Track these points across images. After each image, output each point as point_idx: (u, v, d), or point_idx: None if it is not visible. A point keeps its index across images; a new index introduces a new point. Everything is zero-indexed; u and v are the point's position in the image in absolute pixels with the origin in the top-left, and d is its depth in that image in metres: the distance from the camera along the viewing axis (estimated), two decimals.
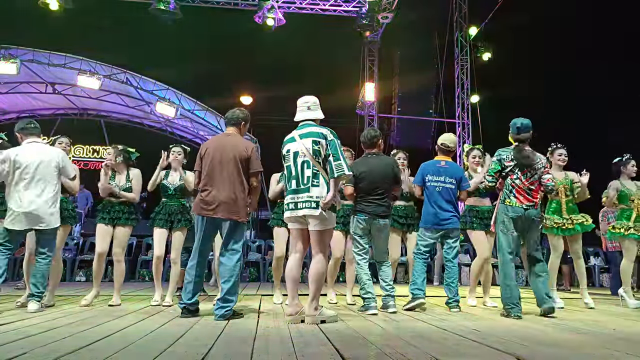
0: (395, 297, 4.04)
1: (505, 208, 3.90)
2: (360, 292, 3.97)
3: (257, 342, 2.55)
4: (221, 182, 3.56)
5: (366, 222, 3.99)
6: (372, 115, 13.73)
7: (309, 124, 3.53)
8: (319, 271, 3.37)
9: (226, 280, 3.53)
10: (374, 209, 3.98)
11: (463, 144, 13.65)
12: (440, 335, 2.88)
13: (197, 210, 3.61)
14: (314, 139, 3.38)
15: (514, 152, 3.93)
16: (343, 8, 12.93)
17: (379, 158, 4.14)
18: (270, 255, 8.60)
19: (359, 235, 4.05)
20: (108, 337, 2.63)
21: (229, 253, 3.59)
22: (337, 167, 3.30)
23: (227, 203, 3.53)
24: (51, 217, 3.86)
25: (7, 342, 2.44)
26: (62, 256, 7.83)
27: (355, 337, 2.81)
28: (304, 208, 3.34)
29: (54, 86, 11.90)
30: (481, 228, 4.63)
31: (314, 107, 3.58)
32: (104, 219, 4.33)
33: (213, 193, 3.55)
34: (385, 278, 4.03)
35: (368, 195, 4.00)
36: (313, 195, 3.32)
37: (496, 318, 3.76)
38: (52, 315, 3.54)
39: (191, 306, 3.58)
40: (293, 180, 3.44)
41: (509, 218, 3.86)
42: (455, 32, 14.21)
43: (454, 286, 4.19)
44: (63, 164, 4.02)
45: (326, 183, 3.36)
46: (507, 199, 3.92)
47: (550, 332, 3.13)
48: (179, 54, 13.56)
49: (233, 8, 12.59)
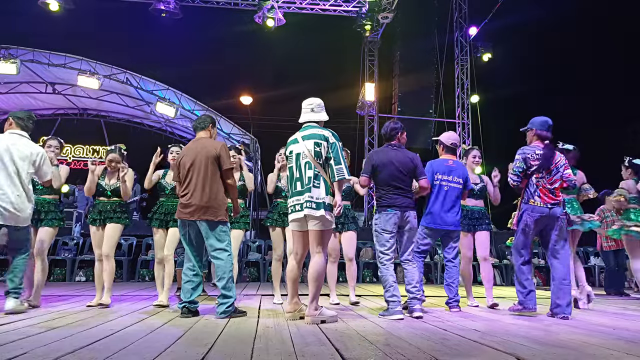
0: (422, 301, 3.82)
1: (530, 208, 3.81)
2: (385, 295, 3.66)
3: (257, 342, 2.56)
4: (195, 186, 3.65)
5: (398, 217, 3.70)
6: (372, 115, 13.73)
7: (312, 125, 3.56)
8: (318, 271, 3.39)
9: (220, 278, 3.62)
10: (402, 201, 3.71)
11: (463, 144, 13.66)
12: (441, 335, 2.88)
13: (177, 214, 3.73)
14: (316, 141, 3.42)
15: (545, 153, 3.85)
16: (343, 8, 12.94)
17: (401, 150, 3.90)
18: (270, 256, 8.60)
19: (389, 232, 3.71)
20: (108, 337, 2.63)
21: (217, 252, 3.65)
22: (338, 171, 3.34)
23: (201, 205, 3.60)
24: (23, 214, 3.71)
25: (7, 342, 2.45)
26: (62, 256, 7.94)
27: (355, 337, 2.81)
28: (305, 208, 3.37)
29: (54, 86, 11.90)
30: (467, 229, 4.62)
31: (318, 109, 3.60)
32: (95, 220, 4.34)
33: (188, 197, 3.65)
34: (411, 280, 3.74)
35: (392, 187, 3.74)
36: (313, 196, 3.36)
37: (496, 318, 3.76)
38: (51, 316, 3.54)
39: (191, 305, 3.60)
40: (297, 182, 3.46)
41: (533, 219, 3.80)
42: (455, 32, 14.21)
43: (455, 286, 4.18)
44: (40, 162, 3.83)
45: (326, 184, 3.38)
46: (531, 199, 3.83)
47: (550, 332, 3.13)
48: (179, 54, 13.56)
49: (233, 8, 12.60)
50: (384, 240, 3.72)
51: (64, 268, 7.99)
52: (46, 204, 4.32)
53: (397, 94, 14.56)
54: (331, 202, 3.40)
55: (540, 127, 3.95)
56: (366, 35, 13.38)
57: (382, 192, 3.78)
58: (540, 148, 3.88)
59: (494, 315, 3.91)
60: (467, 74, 13.93)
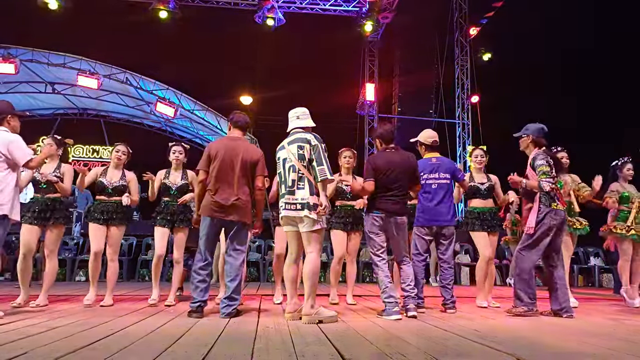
0: (415, 298, 3.86)
1: (554, 212, 3.82)
2: (382, 296, 3.69)
3: (257, 342, 2.55)
4: (232, 185, 3.66)
5: (383, 220, 3.79)
6: (372, 115, 13.73)
7: (297, 131, 3.64)
8: (312, 269, 3.43)
9: (232, 279, 3.66)
10: (390, 207, 3.79)
11: (464, 144, 13.66)
12: (441, 335, 2.88)
13: (208, 212, 3.65)
14: (299, 144, 3.52)
15: (551, 156, 3.94)
16: (343, 8, 12.94)
17: (399, 153, 3.95)
18: (270, 255, 8.60)
19: (375, 233, 3.82)
20: (108, 337, 2.63)
21: (235, 253, 3.73)
22: (320, 172, 3.43)
23: (238, 206, 3.63)
24: None
25: (6, 342, 2.44)
26: (62, 256, 7.94)
27: (355, 337, 2.81)
28: (291, 210, 3.46)
29: (53, 86, 11.89)
30: (482, 229, 4.62)
31: (303, 117, 3.67)
32: (98, 219, 4.30)
33: (225, 196, 3.63)
34: (406, 279, 3.81)
35: (386, 191, 3.80)
36: (298, 198, 3.45)
37: (496, 318, 3.76)
38: (51, 315, 3.54)
39: (205, 304, 3.64)
40: (282, 185, 3.59)
41: (556, 222, 3.83)
42: (455, 32, 14.22)
43: (450, 287, 4.15)
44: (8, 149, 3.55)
45: (310, 186, 3.45)
46: (552, 202, 3.85)
47: (550, 332, 3.13)
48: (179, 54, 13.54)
49: (233, 8, 12.59)
50: (373, 242, 3.83)
51: (64, 268, 7.97)
52: (51, 202, 4.22)
53: (397, 94, 14.58)
54: (316, 202, 3.43)
55: (537, 133, 4.00)
56: (366, 35, 13.38)
57: (375, 195, 3.84)
58: (547, 153, 3.95)
59: (494, 316, 3.92)
60: (467, 74, 13.94)
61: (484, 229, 4.61)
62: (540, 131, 4.00)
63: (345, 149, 4.85)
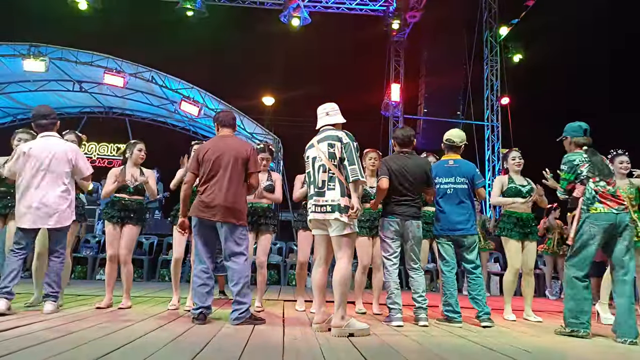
0: (427, 309, 3.74)
1: (594, 217, 3.39)
2: (387, 301, 3.72)
3: (286, 356, 2.34)
4: (221, 185, 3.47)
5: (398, 224, 3.73)
6: (397, 116, 13.42)
7: (327, 128, 3.44)
8: (343, 277, 3.21)
9: (235, 283, 3.44)
10: (404, 210, 3.73)
11: (493, 147, 13.22)
12: (486, 354, 2.61)
13: (195, 212, 3.50)
14: (329, 142, 3.31)
15: (590, 157, 3.54)
16: (370, 7, 12.69)
17: (413, 158, 3.90)
18: (290, 258, 8.41)
19: (390, 238, 3.75)
20: (126, 345, 2.45)
21: (234, 257, 3.50)
22: (352, 171, 3.21)
23: (226, 206, 3.43)
24: (62, 214, 3.69)
25: (19, 348, 2.28)
26: (84, 254, 7.92)
27: (391, 353, 2.57)
28: (320, 212, 3.24)
29: (81, 84, 12.01)
30: (519, 237, 4.31)
31: (333, 113, 3.48)
32: (113, 217, 4.20)
33: (211, 196, 3.46)
34: (417, 288, 3.75)
35: (399, 195, 3.75)
36: (328, 199, 3.23)
37: (541, 335, 3.45)
38: (68, 318, 3.40)
39: (207, 311, 3.44)
40: (311, 185, 3.38)
41: (598, 227, 3.37)
42: (484, 32, 13.78)
43: (481, 298, 3.84)
44: (75, 160, 3.80)
45: (342, 186, 3.22)
46: (591, 206, 3.43)
47: (613, 353, 2.81)
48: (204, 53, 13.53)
49: (259, 7, 12.50)
50: (386, 246, 3.79)
51: (85, 265, 7.97)
52: None
53: (424, 94, 14.20)
54: (348, 204, 3.19)
55: (574, 133, 3.66)
56: (392, 35, 13.09)
57: (388, 199, 3.79)
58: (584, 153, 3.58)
59: (537, 332, 3.60)
60: (496, 75, 13.48)
61: (521, 236, 4.31)
62: (577, 130, 3.65)
63: (370, 150, 4.62)
